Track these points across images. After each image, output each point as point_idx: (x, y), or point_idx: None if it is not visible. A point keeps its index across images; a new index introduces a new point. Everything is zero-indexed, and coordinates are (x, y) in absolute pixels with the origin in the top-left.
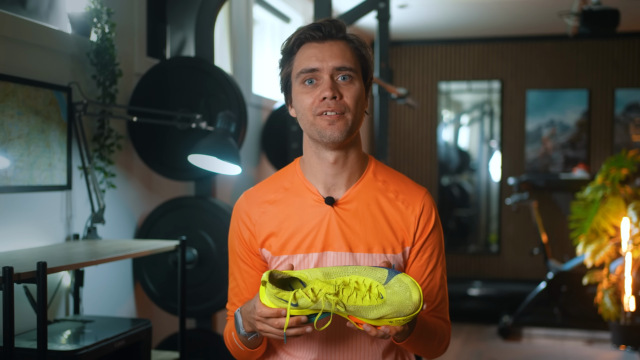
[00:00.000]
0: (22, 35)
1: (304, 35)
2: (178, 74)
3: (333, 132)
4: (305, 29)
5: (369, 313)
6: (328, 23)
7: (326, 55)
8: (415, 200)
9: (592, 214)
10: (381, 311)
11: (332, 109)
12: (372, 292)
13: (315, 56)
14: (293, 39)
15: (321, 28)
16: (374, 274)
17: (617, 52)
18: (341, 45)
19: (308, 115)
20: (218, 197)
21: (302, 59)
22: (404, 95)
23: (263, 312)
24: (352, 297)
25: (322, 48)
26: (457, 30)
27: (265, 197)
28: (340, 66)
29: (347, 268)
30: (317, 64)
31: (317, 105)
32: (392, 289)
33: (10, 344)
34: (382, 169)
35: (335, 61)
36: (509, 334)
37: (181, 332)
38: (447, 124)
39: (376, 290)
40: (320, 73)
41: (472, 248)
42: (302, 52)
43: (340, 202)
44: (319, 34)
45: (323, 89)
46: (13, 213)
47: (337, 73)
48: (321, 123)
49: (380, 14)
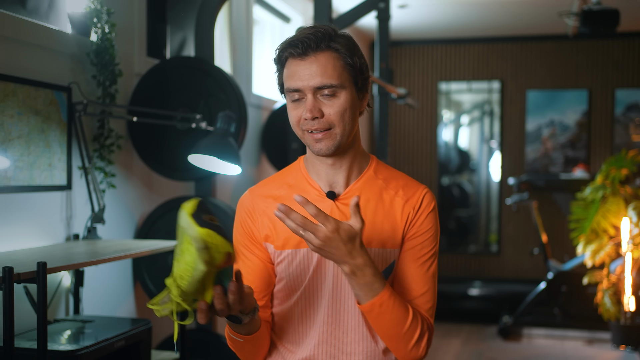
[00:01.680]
0: (22, 35)
1: (287, 52)
2: (178, 74)
3: (320, 148)
4: (286, 45)
5: (196, 269)
6: (305, 37)
7: (306, 75)
8: (414, 195)
9: (592, 214)
10: (201, 256)
11: (316, 127)
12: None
13: (297, 75)
14: (278, 53)
15: (299, 44)
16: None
17: (617, 52)
18: (322, 60)
19: (296, 129)
20: (218, 197)
21: (286, 75)
22: (404, 95)
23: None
24: (180, 276)
25: (303, 65)
26: (457, 30)
27: (270, 192)
28: (320, 85)
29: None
30: (299, 84)
31: (302, 123)
32: (184, 236)
33: (10, 344)
34: (383, 167)
35: (315, 81)
36: (509, 334)
37: (181, 332)
38: (447, 124)
39: (189, 247)
40: (303, 92)
41: (472, 248)
42: (287, 68)
43: (342, 197)
44: (298, 51)
45: (305, 110)
46: (13, 213)
47: (318, 92)
48: (309, 139)
49: (380, 14)
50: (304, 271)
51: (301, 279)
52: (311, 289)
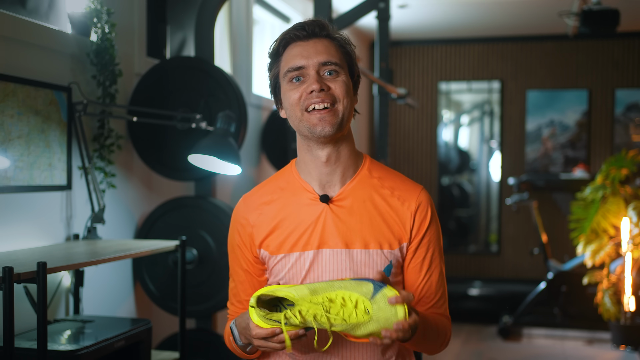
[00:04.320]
0: (22, 35)
1: (288, 36)
2: (178, 74)
3: (324, 127)
4: (289, 30)
5: (357, 330)
6: (311, 22)
7: (311, 52)
8: (410, 197)
9: (592, 214)
10: (368, 328)
11: (322, 99)
12: (358, 309)
13: (301, 54)
14: (279, 41)
15: (305, 27)
16: (360, 289)
17: (617, 52)
18: (325, 42)
19: (296, 111)
20: (218, 197)
21: (288, 58)
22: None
23: (258, 333)
24: (339, 315)
25: (306, 46)
26: (457, 30)
27: (262, 199)
28: (326, 61)
29: (333, 283)
30: (302, 62)
31: (304, 99)
32: (378, 305)
33: (10, 344)
34: (377, 166)
35: (321, 57)
36: (509, 334)
37: (181, 332)
38: (447, 124)
39: (362, 306)
40: (306, 70)
41: (472, 248)
42: (288, 52)
43: (335, 199)
44: (303, 33)
45: (310, 83)
46: (13, 213)
47: (322, 68)
48: (310, 119)
49: (380, 14)
50: (297, 274)
51: (295, 280)
52: None
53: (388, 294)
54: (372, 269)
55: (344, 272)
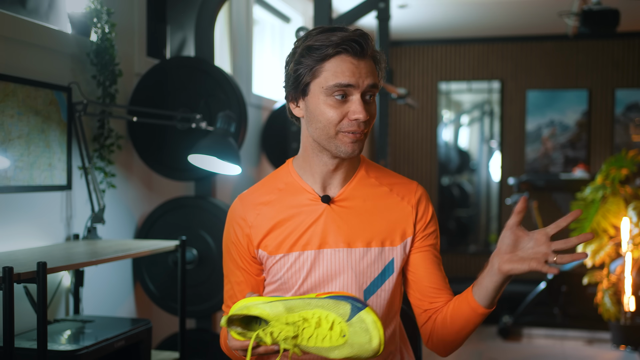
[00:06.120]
0: (22, 35)
1: (342, 47)
2: (178, 74)
3: (354, 150)
4: (345, 39)
5: (330, 353)
6: (366, 38)
7: (362, 73)
8: (409, 192)
9: (592, 214)
10: (343, 352)
11: (362, 129)
12: (334, 331)
13: (352, 72)
14: (329, 44)
15: (362, 43)
16: (337, 309)
17: (617, 52)
18: (371, 63)
19: (330, 129)
20: (218, 197)
21: (337, 70)
22: (404, 95)
23: (234, 345)
24: (312, 338)
25: (358, 64)
26: (457, 30)
27: (260, 199)
28: (372, 84)
29: (310, 301)
30: (354, 80)
31: (346, 124)
32: (354, 328)
33: (10, 344)
34: (373, 166)
35: (369, 79)
36: (509, 334)
37: (181, 332)
38: (447, 124)
39: (338, 328)
40: (352, 89)
41: (472, 248)
42: (338, 63)
43: (336, 199)
44: (358, 49)
45: (356, 111)
46: (13, 213)
47: (367, 92)
48: (344, 140)
49: (380, 14)
50: (297, 273)
51: (295, 280)
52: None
53: (365, 319)
54: (372, 268)
55: (346, 272)
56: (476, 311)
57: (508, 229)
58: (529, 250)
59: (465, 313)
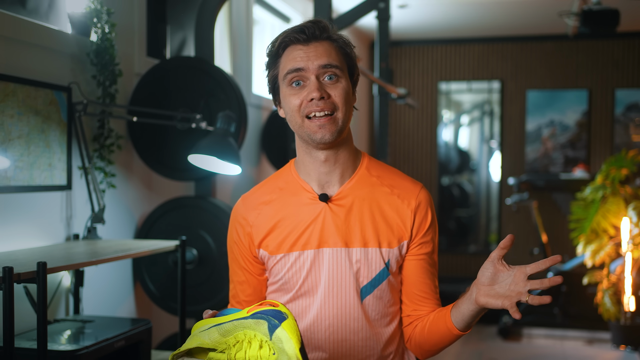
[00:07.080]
0: (22, 35)
1: (288, 38)
2: (178, 74)
3: (324, 135)
4: (289, 32)
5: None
6: (311, 25)
7: (311, 55)
8: (410, 195)
9: (592, 214)
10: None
11: (321, 108)
12: (263, 349)
13: (300, 57)
14: (278, 42)
15: (305, 30)
16: (259, 328)
17: (617, 52)
18: (325, 45)
19: (296, 117)
20: (218, 197)
21: (287, 59)
22: (404, 95)
23: None
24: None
25: (306, 49)
26: (457, 30)
27: (261, 199)
28: (326, 64)
29: (241, 322)
30: (302, 64)
31: (305, 106)
32: (277, 346)
33: (10, 344)
34: (376, 164)
35: (321, 60)
36: (509, 334)
37: (181, 332)
38: (447, 124)
39: (267, 347)
40: (306, 73)
41: (472, 248)
42: (288, 54)
43: (335, 198)
44: (303, 36)
45: (310, 90)
46: (13, 213)
47: (323, 72)
48: (310, 126)
49: (380, 14)
50: (297, 273)
51: (295, 279)
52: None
53: (281, 337)
54: (369, 268)
55: (344, 271)
56: (452, 332)
57: (490, 261)
58: (505, 287)
59: (442, 330)
